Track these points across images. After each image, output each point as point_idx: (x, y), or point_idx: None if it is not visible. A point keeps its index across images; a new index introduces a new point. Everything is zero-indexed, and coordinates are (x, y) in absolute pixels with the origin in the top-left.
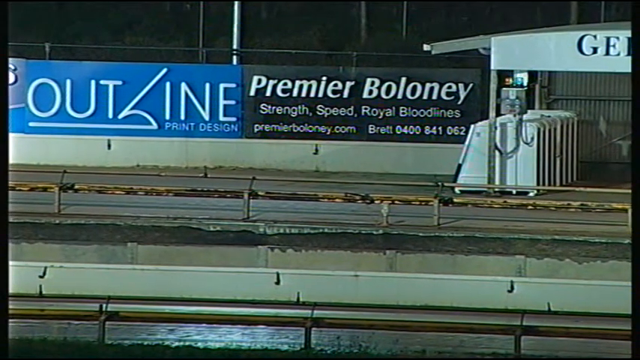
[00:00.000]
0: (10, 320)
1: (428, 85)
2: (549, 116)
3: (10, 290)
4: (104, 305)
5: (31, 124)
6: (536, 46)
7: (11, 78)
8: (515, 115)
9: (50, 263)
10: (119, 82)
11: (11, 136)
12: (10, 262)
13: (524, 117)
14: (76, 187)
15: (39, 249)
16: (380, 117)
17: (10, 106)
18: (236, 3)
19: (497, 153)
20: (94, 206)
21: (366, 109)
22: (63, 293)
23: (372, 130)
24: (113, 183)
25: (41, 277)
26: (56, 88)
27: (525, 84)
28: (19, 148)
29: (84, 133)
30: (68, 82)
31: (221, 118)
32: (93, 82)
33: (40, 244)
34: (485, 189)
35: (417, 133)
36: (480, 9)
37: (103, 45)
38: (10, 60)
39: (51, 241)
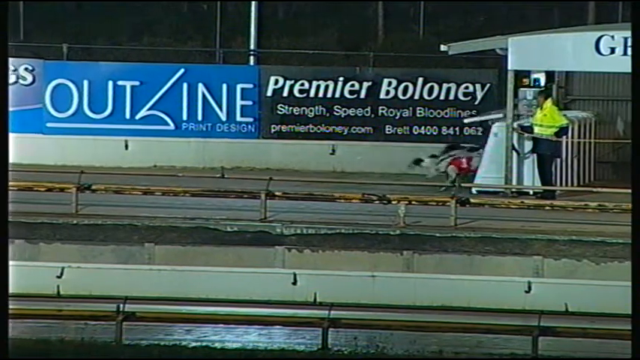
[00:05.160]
0: (27, 320)
1: (445, 86)
2: (566, 116)
3: (28, 290)
4: (121, 306)
5: (48, 124)
6: (554, 46)
7: (29, 78)
8: (532, 116)
9: (68, 264)
10: (136, 83)
11: (29, 136)
12: (28, 263)
13: None
14: (94, 187)
15: (56, 249)
16: (397, 117)
17: (28, 107)
18: (253, 3)
19: (514, 153)
20: (111, 207)
21: (382, 109)
22: (80, 293)
23: (389, 131)
24: (130, 183)
25: (59, 277)
26: (74, 89)
27: (542, 84)
28: (37, 149)
29: (101, 133)
30: (86, 82)
31: (238, 118)
32: (110, 83)
33: (57, 244)
34: (502, 189)
35: (434, 133)
36: (497, 9)
37: (121, 46)
38: (28, 60)
39: (68, 241)
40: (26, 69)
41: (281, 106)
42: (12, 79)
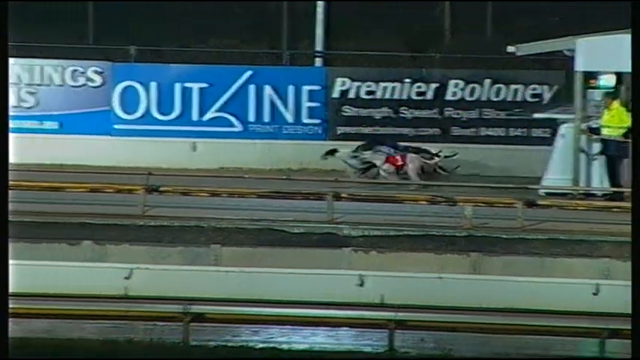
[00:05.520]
0: (96, 321)
1: (512, 87)
2: None
3: (97, 292)
4: (189, 307)
5: (116, 126)
6: (622, 47)
7: (98, 81)
8: (600, 117)
9: (136, 265)
10: (204, 85)
11: (97, 138)
12: (96, 264)
13: None
14: (161, 189)
15: (124, 251)
16: (464, 119)
17: (96, 109)
18: (319, 4)
19: (582, 155)
20: (178, 208)
21: (449, 110)
22: (148, 294)
23: (455, 132)
24: (197, 185)
25: (127, 278)
26: (141, 91)
27: (611, 85)
28: (105, 150)
29: (169, 135)
30: (153, 84)
31: (304, 120)
32: (178, 85)
33: (125, 245)
34: (569, 191)
35: (502, 135)
36: (566, 10)
37: (188, 48)
38: (97, 63)
39: (136, 242)
40: (95, 71)
41: (347, 108)
42: (81, 81)
